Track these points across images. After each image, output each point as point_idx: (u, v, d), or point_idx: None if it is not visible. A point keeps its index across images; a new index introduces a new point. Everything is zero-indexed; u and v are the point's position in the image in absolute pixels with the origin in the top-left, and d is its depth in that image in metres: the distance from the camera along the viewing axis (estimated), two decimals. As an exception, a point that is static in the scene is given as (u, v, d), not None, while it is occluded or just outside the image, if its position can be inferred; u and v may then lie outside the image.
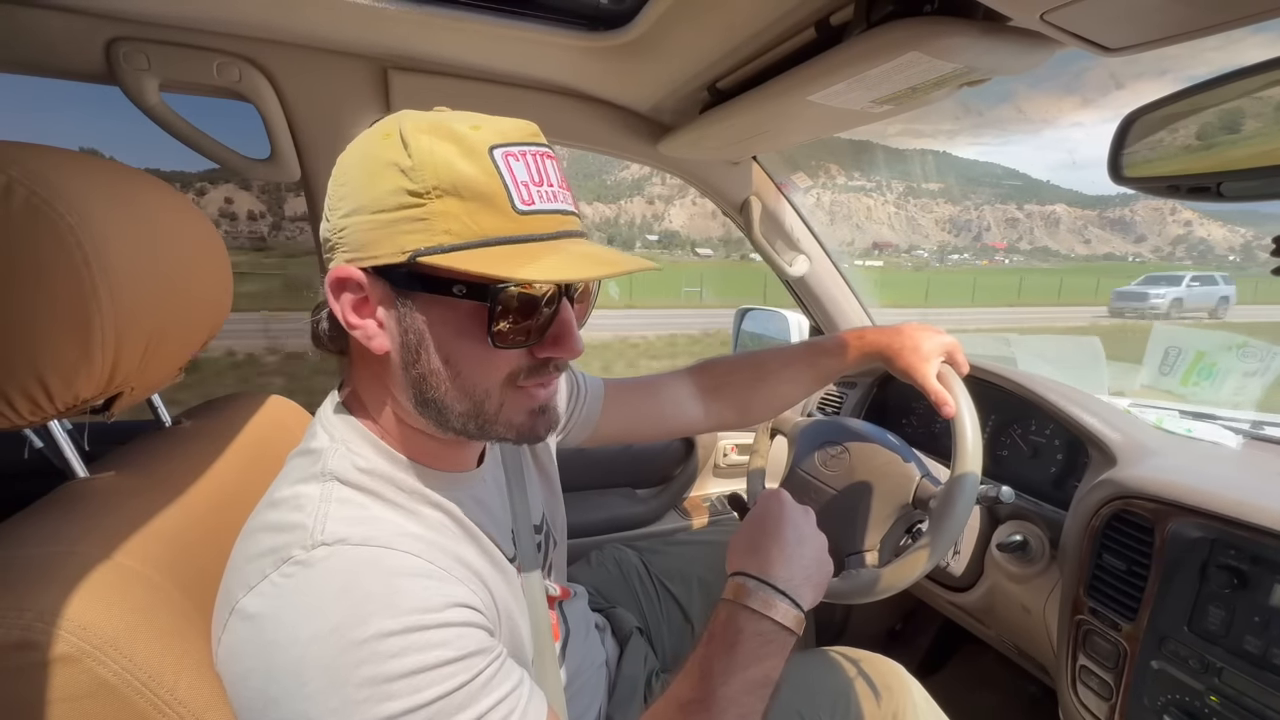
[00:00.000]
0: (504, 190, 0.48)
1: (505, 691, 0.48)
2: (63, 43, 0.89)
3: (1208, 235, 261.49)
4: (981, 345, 1.38)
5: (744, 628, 0.59)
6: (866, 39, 0.70)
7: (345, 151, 0.53)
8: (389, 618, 0.44)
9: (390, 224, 0.48)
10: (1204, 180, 0.58)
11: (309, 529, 0.47)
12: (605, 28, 0.93)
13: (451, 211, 0.47)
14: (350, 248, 0.50)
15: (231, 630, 0.47)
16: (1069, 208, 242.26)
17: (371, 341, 0.51)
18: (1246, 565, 0.70)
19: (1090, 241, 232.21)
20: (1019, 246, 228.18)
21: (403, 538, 0.49)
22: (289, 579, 0.46)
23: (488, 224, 0.48)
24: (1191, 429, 1.00)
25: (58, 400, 0.52)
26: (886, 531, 0.90)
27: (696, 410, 0.99)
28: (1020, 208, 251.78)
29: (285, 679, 0.43)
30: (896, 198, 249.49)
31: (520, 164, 0.49)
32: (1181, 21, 0.52)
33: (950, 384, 0.85)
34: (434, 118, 0.50)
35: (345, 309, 0.51)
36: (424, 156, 0.47)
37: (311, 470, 0.52)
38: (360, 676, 0.42)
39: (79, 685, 0.42)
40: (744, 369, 1.01)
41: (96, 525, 0.52)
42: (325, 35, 0.97)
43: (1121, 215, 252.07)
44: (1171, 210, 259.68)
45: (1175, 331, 1.31)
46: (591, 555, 1.18)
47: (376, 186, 0.48)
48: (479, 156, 0.48)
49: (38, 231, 0.48)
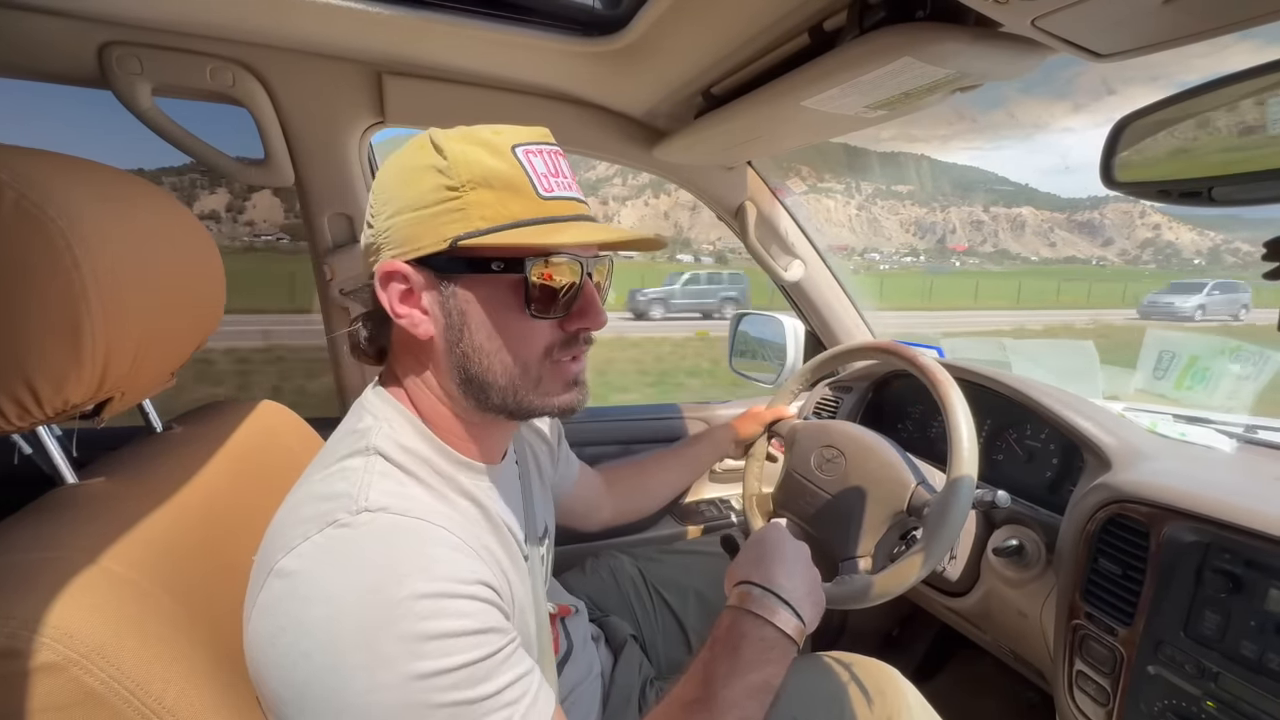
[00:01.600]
0: (528, 180, 0.54)
1: (521, 672, 0.50)
2: (55, 47, 0.89)
3: (1176, 239, 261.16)
4: (976, 350, 1.38)
5: (748, 632, 0.61)
6: (859, 44, 0.71)
7: (382, 168, 0.58)
8: (424, 581, 0.46)
9: (432, 217, 0.53)
10: (1195, 185, 0.59)
11: (353, 496, 0.50)
12: (599, 33, 0.93)
13: (485, 200, 0.53)
14: (395, 244, 0.55)
15: (269, 588, 0.48)
16: (1035, 210, 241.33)
17: (417, 328, 0.56)
18: (1241, 570, 0.70)
19: (1055, 244, 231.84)
20: (980, 250, 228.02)
21: (437, 514, 0.52)
22: (331, 540, 0.47)
23: (516, 208, 0.54)
24: (1185, 433, 1.00)
25: (47, 406, 0.51)
26: (881, 538, 0.89)
27: (607, 504, 1.12)
28: (986, 210, 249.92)
29: (319, 632, 0.44)
30: (864, 199, 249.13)
31: (539, 159, 0.56)
32: (1172, 28, 0.52)
33: (947, 389, 0.85)
34: (461, 129, 0.56)
35: (393, 299, 0.55)
36: (458, 156, 0.53)
37: (356, 446, 0.55)
38: (394, 633, 0.43)
39: (65, 694, 0.41)
40: (630, 469, 1.19)
41: (84, 531, 0.51)
42: (319, 40, 0.97)
43: (1090, 218, 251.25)
44: (1141, 213, 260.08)
45: (1168, 336, 1.32)
46: (586, 563, 1.18)
47: (416, 187, 0.54)
48: (504, 154, 0.54)
49: (27, 235, 0.48)
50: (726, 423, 1.26)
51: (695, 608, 1.09)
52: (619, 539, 1.49)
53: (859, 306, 1.56)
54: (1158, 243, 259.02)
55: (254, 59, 0.98)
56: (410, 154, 0.55)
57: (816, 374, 1.20)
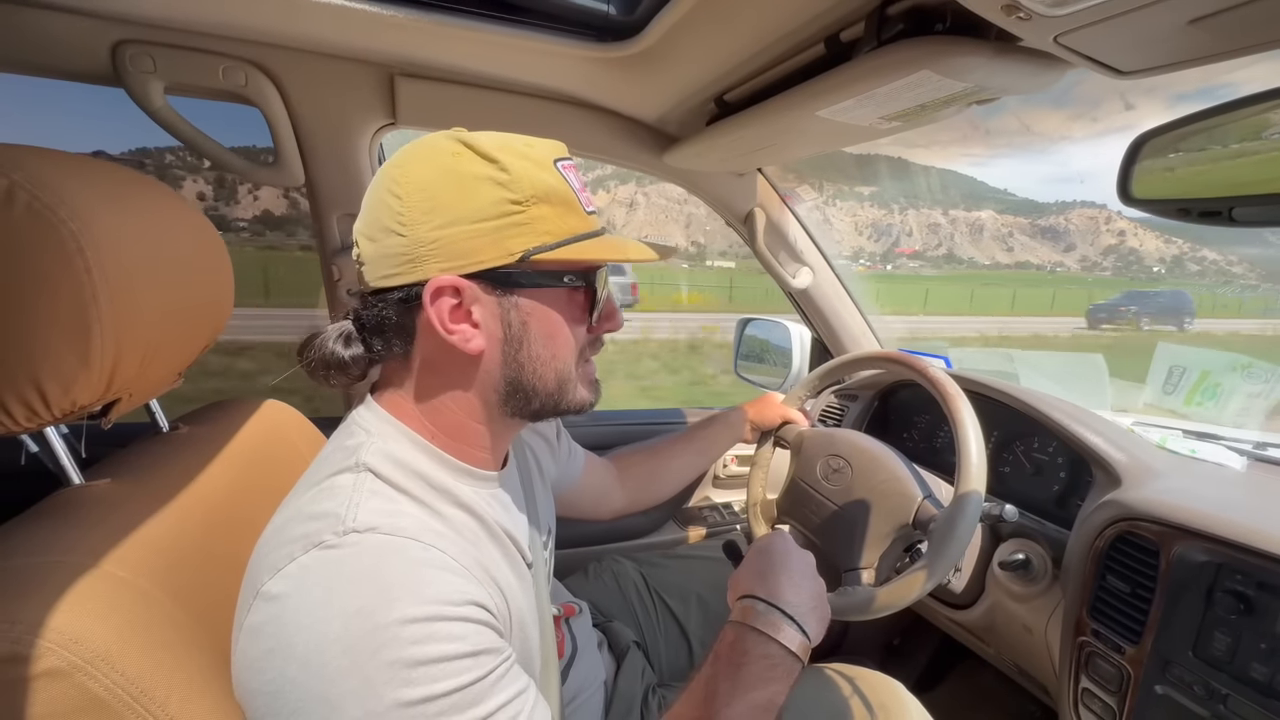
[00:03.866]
0: (575, 196, 0.56)
1: (513, 693, 0.49)
2: (69, 44, 0.89)
3: (1140, 245, 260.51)
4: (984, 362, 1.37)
5: (750, 649, 0.60)
6: (877, 56, 0.70)
7: (403, 170, 0.54)
8: (413, 604, 0.45)
9: (494, 230, 0.53)
10: (1215, 205, 0.58)
11: (341, 516, 0.48)
12: (614, 39, 0.92)
13: (546, 215, 0.54)
14: (446, 257, 0.53)
15: (255, 612, 0.47)
16: (996, 214, 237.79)
17: (469, 344, 0.55)
18: (1253, 591, 0.70)
19: (1013, 249, 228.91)
20: (926, 254, 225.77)
21: (428, 533, 0.51)
22: (318, 562, 0.46)
23: (574, 224, 0.56)
24: (1195, 449, 1.00)
25: (54, 407, 0.51)
26: (885, 550, 0.89)
27: (618, 493, 1.10)
28: (946, 213, 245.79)
29: (306, 659, 0.43)
30: (824, 199, 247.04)
31: (572, 175, 0.57)
32: (1196, 47, 0.52)
33: (956, 402, 0.85)
34: (495, 137, 0.55)
35: (443, 316, 0.54)
36: (519, 170, 0.53)
37: (346, 463, 0.54)
38: (382, 659, 0.43)
39: (69, 700, 0.41)
40: (643, 455, 1.16)
41: (89, 534, 0.51)
42: (332, 41, 0.97)
43: (1053, 223, 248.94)
44: (1107, 219, 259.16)
45: (1180, 351, 1.31)
46: (589, 567, 1.17)
47: (476, 199, 0.52)
48: (551, 169, 0.55)
49: (39, 236, 0.47)
50: (739, 406, 1.22)
51: (698, 613, 1.09)
52: (622, 544, 1.49)
53: (866, 315, 1.55)
54: (1121, 249, 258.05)
55: (267, 59, 0.98)
56: (454, 160, 0.53)
57: (823, 382, 1.20)
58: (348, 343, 0.58)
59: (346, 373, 0.59)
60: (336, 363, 0.58)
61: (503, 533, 0.60)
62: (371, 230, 0.55)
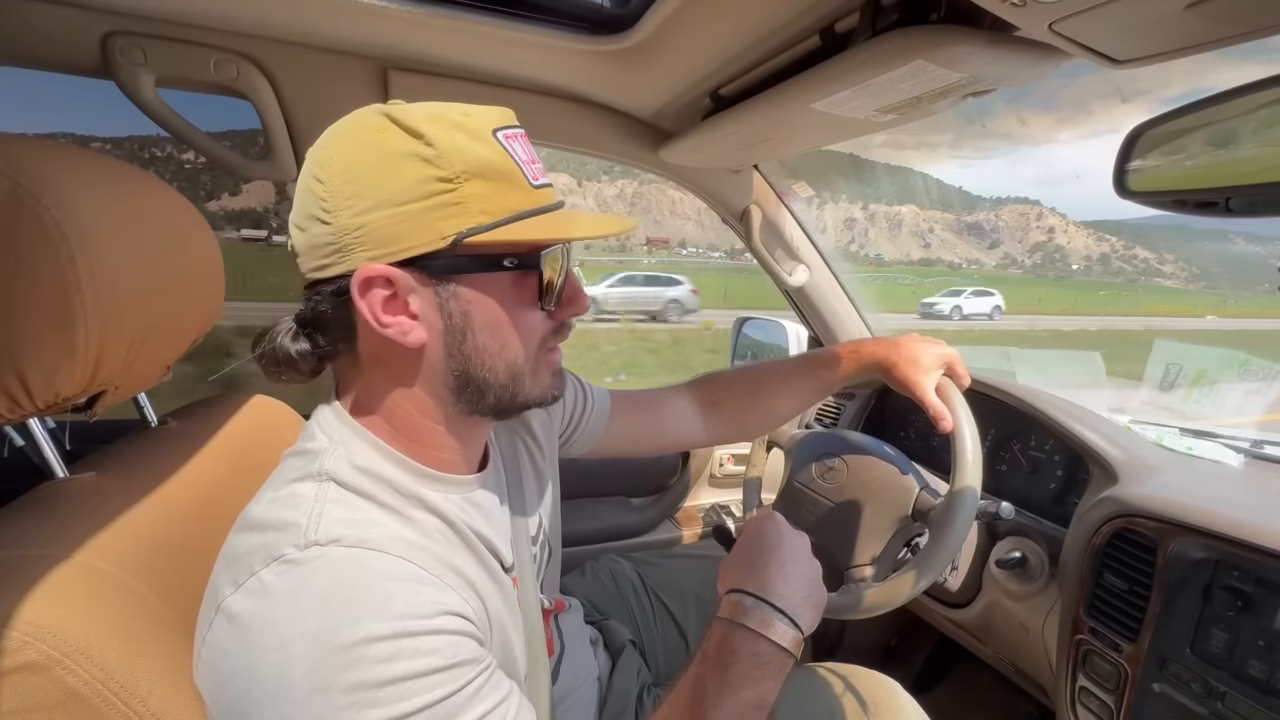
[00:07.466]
0: (518, 169, 0.51)
1: (493, 703, 0.47)
2: (58, 36, 0.88)
3: (1069, 243, 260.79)
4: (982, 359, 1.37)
5: (739, 648, 0.57)
6: (871, 46, 0.69)
7: (327, 150, 0.51)
8: (378, 621, 0.43)
9: (422, 213, 0.48)
10: (1212, 195, 0.58)
11: (302, 527, 0.46)
12: (608, 32, 0.92)
13: (481, 193, 0.49)
14: (373, 244, 0.49)
15: (216, 629, 0.45)
16: (918, 209, 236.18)
17: (408, 336, 0.51)
18: (1251, 588, 0.69)
19: (930, 246, 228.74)
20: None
21: (396, 542, 0.48)
22: (279, 577, 0.44)
23: (514, 200, 0.51)
24: (1192, 447, 1.00)
25: (37, 398, 0.50)
26: (885, 545, 0.88)
27: (696, 425, 0.99)
28: (865, 208, 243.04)
29: (269, 681, 0.42)
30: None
31: (517, 144, 0.52)
32: (1194, 34, 0.51)
33: (950, 398, 0.84)
34: (426, 108, 0.50)
35: (375, 309, 0.49)
36: (447, 144, 0.48)
37: (308, 469, 0.51)
38: (346, 681, 0.41)
39: (47, 695, 0.40)
40: (741, 383, 1.01)
41: (70, 527, 0.50)
42: (325, 33, 0.96)
43: (979, 220, 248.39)
44: (1038, 215, 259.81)
45: (1177, 348, 1.31)
46: (586, 566, 1.16)
47: (398, 178, 0.48)
48: (488, 140, 0.50)
49: (21, 223, 0.47)
50: (833, 349, 1.00)
51: (695, 613, 1.08)
52: (619, 543, 1.48)
53: (863, 313, 1.55)
54: (1048, 247, 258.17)
55: (259, 52, 0.97)
56: (378, 138, 0.49)
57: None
58: (295, 338, 0.55)
59: (297, 369, 0.55)
60: (286, 359, 0.54)
61: (476, 538, 0.57)
62: (299, 218, 0.52)
